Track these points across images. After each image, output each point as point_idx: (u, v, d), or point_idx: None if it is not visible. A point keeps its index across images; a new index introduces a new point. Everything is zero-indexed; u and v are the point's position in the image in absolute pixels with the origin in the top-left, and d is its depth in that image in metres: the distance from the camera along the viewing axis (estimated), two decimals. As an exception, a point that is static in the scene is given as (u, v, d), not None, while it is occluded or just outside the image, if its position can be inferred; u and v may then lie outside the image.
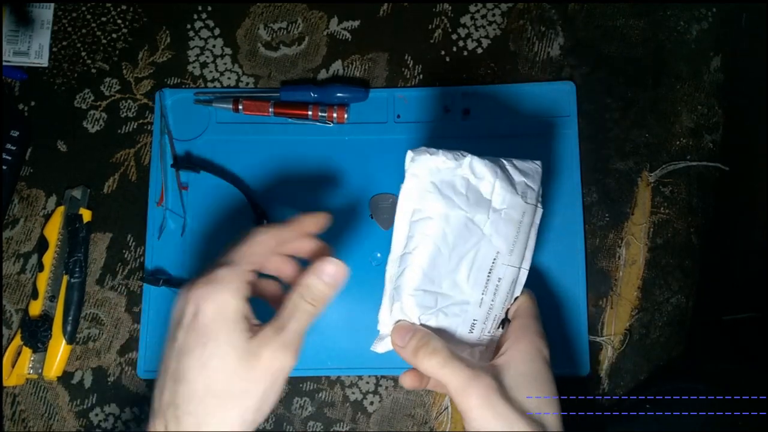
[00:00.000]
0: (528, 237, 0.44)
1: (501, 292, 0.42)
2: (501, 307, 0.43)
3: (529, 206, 0.43)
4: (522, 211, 0.42)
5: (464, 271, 0.41)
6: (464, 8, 0.58)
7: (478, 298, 0.42)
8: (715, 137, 0.56)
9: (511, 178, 0.43)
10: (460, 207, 0.41)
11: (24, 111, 0.58)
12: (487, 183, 0.42)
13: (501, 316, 0.44)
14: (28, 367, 0.53)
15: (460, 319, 0.41)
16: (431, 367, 0.38)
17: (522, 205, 0.42)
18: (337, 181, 0.55)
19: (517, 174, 0.43)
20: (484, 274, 0.42)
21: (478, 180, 0.42)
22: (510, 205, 0.42)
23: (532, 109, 0.56)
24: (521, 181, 0.43)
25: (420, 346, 0.39)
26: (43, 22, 0.58)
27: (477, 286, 0.41)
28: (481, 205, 0.42)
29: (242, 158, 0.56)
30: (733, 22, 0.58)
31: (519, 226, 0.42)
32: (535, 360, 0.40)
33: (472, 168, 0.41)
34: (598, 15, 0.58)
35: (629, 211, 0.55)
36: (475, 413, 0.37)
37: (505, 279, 0.42)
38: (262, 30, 0.59)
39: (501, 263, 0.42)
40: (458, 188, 0.41)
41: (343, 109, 0.55)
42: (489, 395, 0.37)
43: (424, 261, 0.41)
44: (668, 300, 0.54)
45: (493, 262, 0.42)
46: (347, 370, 0.53)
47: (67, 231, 0.54)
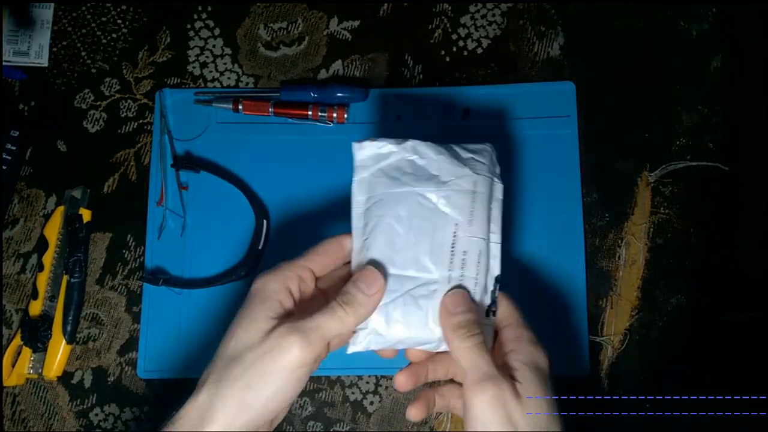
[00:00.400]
0: (488, 209, 0.42)
1: (469, 265, 0.41)
2: (474, 282, 0.41)
3: (480, 177, 0.42)
4: (473, 181, 0.42)
5: (425, 248, 0.40)
6: (464, 8, 0.58)
7: (445, 275, 0.40)
8: (715, 137, 0.56)
9: (458, 154, 0.43)
10: (409, 184, 0.42)
11: (24, 111, 0.58)
12: (432, 161, 0.42)
13: (484, 300, 0.41)
14: (28, 367, 0.53)
15: (431, 301, 0.40)
16: (461, 348, 0.38)
17: (471, 175, 0.42)
18: (337, 181, 0.55)
19: (465, 152, 0.43)
20: (447, 249, 0.41)
21: (423, 159, 0.42)
22: (458, 176, 0.42)
23: (532, 109, 0.56)
24: (469, 156, 0.43)
25: (465, 324, 0.38)
26: (43, 22, 0.58)
27: (442, 263, 0.40)
28: (430, 180, 0.42)
29: (242, 158, 0.56)
30: (733, 22, 0.58)
31: (474, 196, 0.42)
32: (540, 377, 0.38)
33: (416, 150, 0.43)
34: (598, 15, 0.58)
35: (629, 211, 0.55)
36: (484, 412, 0.36)
37: (471, 252, 0.41)
38: (262, 30, 0.59)
39: (462, 236, 0.41)
40: (405, 169, 0.42)
41: (343, 109, 0.55)
42: (503, 396, 0.36)
43: (381, 243, 0.41)
44: (668, 300, 0.55)
45: (454, 236, 0.41)
46: (347, 370, 0.53)
47: (67, 231, 0.54)
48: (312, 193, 0.55)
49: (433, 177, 0.42)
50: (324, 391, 0.54)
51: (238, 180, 0.55)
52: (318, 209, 0.55)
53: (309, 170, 0.56)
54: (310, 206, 0.55)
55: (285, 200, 0.55)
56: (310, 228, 0.55)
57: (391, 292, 0.40)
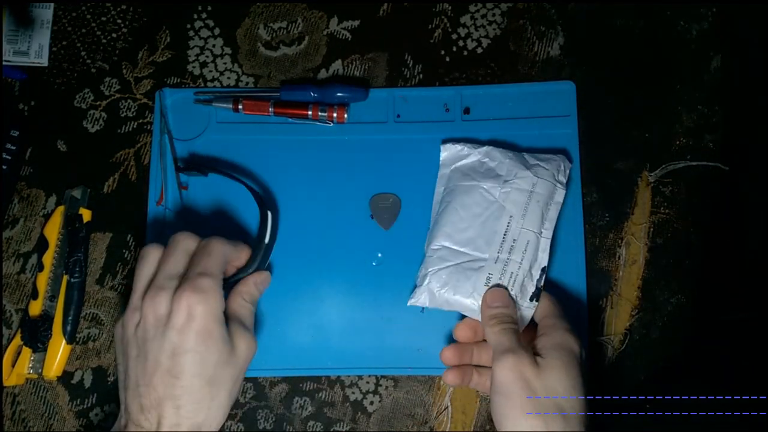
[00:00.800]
0: (544, 208, 0.50)
1: (516, 251, 0.49)
2: (518, 266, 0.48)
3: (540, 180, 0.50)
4: (532, 183, 0.50)
5: (481, 232, 0.49)
6: (464, 8, 0.58)
7: (494, 256, 0.49)
8: (715, 137, 0.56)
9: (526, 161, 0.52)
10: (476, 180, 0.51)
11: (24, 111, 0.58)
12: (501, 164, 0.51)
13: (528, 285, 0.48)
14: (28, 366, 0.53)
15: (477, 274, 0.48)
16: (492, 333, 0.45)
17: (531, 177, 0.50)
18: (337, 181, 0.55)
19: (533, 159, 0.52)
20: (500, 235, 0.49)
21: (494, 162, 0.52)
22: (519, 177, 0.50)
23: (532, 109, 0.56)
24: (535, 163, 0.51)
25: (499, 315, 0.46)
26: (43, 21, 0.58)
27: (493, 246, 0.49)
28: (496, 179, 0.51)
29: (242, 158, 0.56)
30: (733, 22, 0.58)
31: (530, 195, 0.50)
32: (565, 354, 0.43)
33: (489, 154, 0.52)
34: (598, 15, 0.58)
35: (629, 211, 0.55)
36: (505, 376, 0.42)
37: (520, 240, 0.49)
38: (262, 29, 0.59)
39: (515, 226, 0.49)
40: (477, 169, 0.52)
41: (343, 109, 0.55)
42: (522, 364, 0.42)
43: (445, 222, 0.51)
44: (668, 300, 0.55)
45: (508, 225, 0.49)
46: (347, 370, 0.53)
47: (67, 231, 0.54)
48: (312, 192, 0.55)
49: (499, 176, 0.51)
50: (324, 391, 0.54)
51: (248, 176, 0.55)
52: (318, 209, 0.55)
53: (309, 170, 0.56)
54: (311, 206, 0.55)
55: (285, 200, 0.55)
56: (310, 228, 0.55)
57: (446, 261, 0.50)
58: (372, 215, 0.55)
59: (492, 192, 0.50)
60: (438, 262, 0.50)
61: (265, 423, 0.53)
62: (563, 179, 0.51)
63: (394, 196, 0.55)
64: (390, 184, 0.55)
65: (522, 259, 0.49)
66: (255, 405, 0.54)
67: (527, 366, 0.42)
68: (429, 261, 0.50)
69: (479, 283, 0.48)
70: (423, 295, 0.50)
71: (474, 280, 0.48)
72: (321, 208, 0.55)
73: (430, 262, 0.50)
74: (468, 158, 0.53)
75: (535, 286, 0.49)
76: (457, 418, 0.53)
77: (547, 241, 0.50)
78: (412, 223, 0.54)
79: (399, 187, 0.55)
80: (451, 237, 0.50)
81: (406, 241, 0.54)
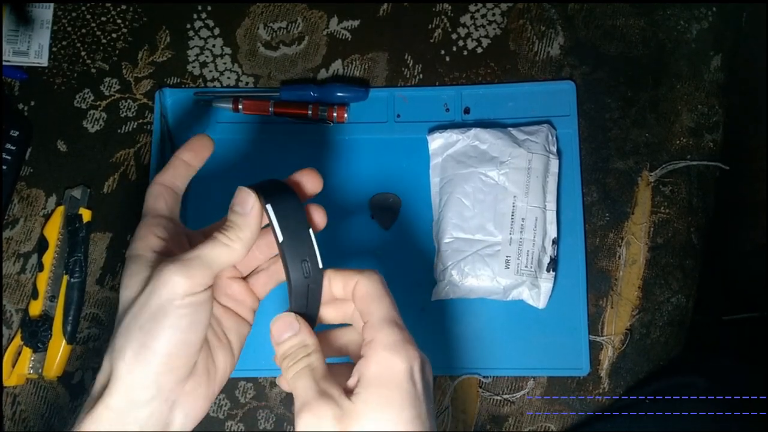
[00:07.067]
0: (543, 182, 0.51)
1: (527, 229, 0.50)
2: (532, 244, 0.50)
3: (534, 155, 0.51)
4: (527, 159, 0.51)
5: (489, 216, 0.51)
6: (464, 8, 0.58)
7: (507, 237, 0.50)
8: (715, 137, 0.56)
9: (515, 137, 0.52)
10: (473, 166, 0.52)
11: (24, 111, 0.57)
12: (492, 145, 0.52)
13: (543, 258, 0.51)
14: (29, 367, 0.53)
15: (495, 259, 0.50)
16: (292, 382, 0.34)
17: (526, 154, 0.51)
18: (337, 181, 0.55)
19: (521, 134, 0.53)
20: (508, 217, 0.51)
21: (485, 144, 0.52)
22: (514, 156, 0.51)
23: (532, 108, 0.56)
24: (524, 138, 0.52)
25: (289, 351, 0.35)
26: (42, 21, 0.58)
27: (504, 228, 0.51)
28: (491, 162, 0.52)
29: (242, 158, 0.56)
30: (733, 22, 0.58)
31: (528, 172, 0.51)
32: (384, 387, 0.32)
33: (478, 136, 0.53)
34: (598, 15, 0.58)
35: (629, 211, 0.55)
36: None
37: (528, 218, 0.51)
38: (262, 30, 0.59)
39: (520, 205, 0.51)
40: (470, 154, 0.52)
41: (343, 109, 0.55)
42: (324, 424, 0.31)
43: (452, 214, 0.51)
44: (668, 300, 0.55)
45: (513, 206, 0.51)
46: (347, 369, 0.53)
47: (67, 231, 0.54)
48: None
49: (494, 158, 0.52)
50: (324, 391, 0.54)
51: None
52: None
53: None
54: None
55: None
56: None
57: (462, 252, 0.51)
58: (372, 215, 0.55)
59: (490, 175, 0.51)
60: (455, 255, 0.51)
61: (265, 423, 0.53)
62: (554, 149, 0.53)
63: (393, 196, 0.55)
64: (390, 184, 0.55)
65: (534, 236, 0.50)
66: (255, 405, 0.54)
67: (329, 421, 0.31)
68: (445, 255, 0.51)
69: (500, 267, 0.50)
70: (446, 289, 0.51)
71: (493, 265, 0.50)
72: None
73: (446, 255, 0.51)
74: (458, 144, 0.53)
75: (549, 257, 0.51)
76: (457, 417, 0.53)
77: (553, 213, 0.52)
78: (412, 223, 0.54)
79: (399, 187, 0.55)
80: (460, 227, 0.51)
81: (406, 241, 0.54)
